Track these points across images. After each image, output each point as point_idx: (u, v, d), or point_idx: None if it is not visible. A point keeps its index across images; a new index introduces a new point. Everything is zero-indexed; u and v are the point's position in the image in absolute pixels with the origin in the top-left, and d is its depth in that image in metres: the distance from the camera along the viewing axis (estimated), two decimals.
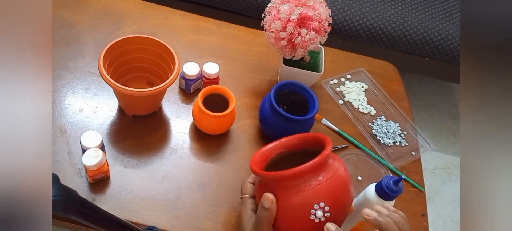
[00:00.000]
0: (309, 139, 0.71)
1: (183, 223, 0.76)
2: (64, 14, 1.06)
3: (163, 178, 0.81)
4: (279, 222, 0.61)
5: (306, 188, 0.59)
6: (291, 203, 0.60)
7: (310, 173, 0.60)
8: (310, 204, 0.59)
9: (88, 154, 0.73)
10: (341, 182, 0.62)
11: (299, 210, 0.59)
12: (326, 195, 0.59)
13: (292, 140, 0.72)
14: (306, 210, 0.59)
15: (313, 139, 0.70)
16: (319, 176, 0.60)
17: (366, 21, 1.65)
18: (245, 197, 0.69)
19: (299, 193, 0.59)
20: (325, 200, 0.59)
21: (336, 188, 0.60)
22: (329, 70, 1.09)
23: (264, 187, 0.64)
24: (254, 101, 0.98)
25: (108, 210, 0.57)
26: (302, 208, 0.59)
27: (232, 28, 1.15)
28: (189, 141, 0.88)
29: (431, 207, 1.77)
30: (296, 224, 0.60)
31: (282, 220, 0.61)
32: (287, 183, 0.60)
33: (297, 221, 0.60)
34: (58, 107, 0.87)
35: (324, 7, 0.89)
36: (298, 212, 0.59)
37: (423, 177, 0.93)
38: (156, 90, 0.78)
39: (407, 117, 1.03)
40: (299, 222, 0.60)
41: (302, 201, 0.59)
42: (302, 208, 0.59)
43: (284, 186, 0.60)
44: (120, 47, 0.84)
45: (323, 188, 0.59)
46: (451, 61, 1.73)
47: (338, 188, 0.61)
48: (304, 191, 0.59)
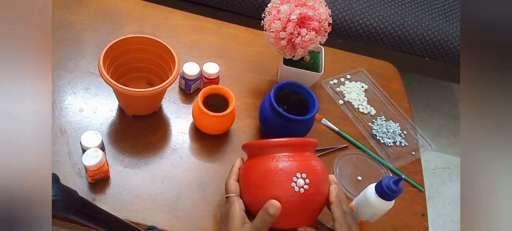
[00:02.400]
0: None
1: (183, 223, 0.76)
2: (64, 14, 1.06)
3: (163, 178, 0.81)
4: (262, 186, 0.65)
5: (294, 157, 0.66)
6: (276, 167, 0.65)
7: (300, 147, 0.67)
8: (293, 172, 0.64)
9: (88, 154, 0.73)
10: (324, 171, 0.68)
11: (283, 174, 0.64)
12: (309, 171, 0.65)
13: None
14: (289, 177, 0.64)
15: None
16: (306, 153, 0.67)
17: (366, 21, 1.65)
18: (233, 196, 0.68)
19: (286, 160, 0.65)
20: (307, 173, 0.64)
21: (319, 170, 0.66)
22: (329, 70, 1.09)
23: (251, 167, 0.68)
24: (254, 101, 0.98)
25: (108, 210, 0.57)
26: (285, 173, 0.64)
27: (232, 28, 1.15)
28: (189, 141, 0.88)
29: (431, 207, 1.77)
30: (276, 188, 0.64)
31: (265, 184, 0.65)
32: (277, 150, 0.66)
33: (278, 185, 0.64)
34: (58, 107, 0.87)
35: (324, 7, 0.89)
36: (281, 176, 0.64)
37: (423, 177, 0.93)
38: (156, 90, 0.78)
39: (407, 116, 1.03)
40: (279, 186, 0.64)
41: (287, 167, 0.64)
42: (285, 173, 0.64)
43: (273, 153, 0.66)
44: (120, 47, 0.85)
45: (308, 164, 0.66)
46: (451, 61, 1.73)
47: (321, 171, 0.67)
48: (291, 160, 0.65)
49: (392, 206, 0.68)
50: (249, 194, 0.67)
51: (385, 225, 0.83)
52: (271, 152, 0.67)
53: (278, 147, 0.67)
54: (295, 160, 0.65)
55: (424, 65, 1.77)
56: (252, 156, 0.70)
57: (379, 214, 0.69)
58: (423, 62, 1.76)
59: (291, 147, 0.67)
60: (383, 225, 0.82)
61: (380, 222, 0.81)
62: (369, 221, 0.72)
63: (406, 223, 0.84)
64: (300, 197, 0.63)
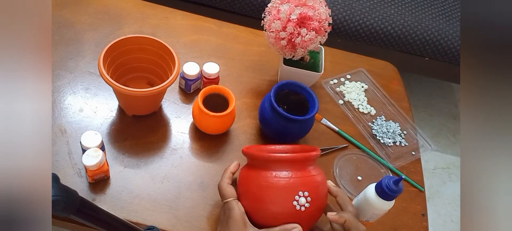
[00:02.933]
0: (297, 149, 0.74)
1: (183, 223, 0.76)
2: (64, 14, 1.06)
3: (163, 178, 0.81)
4: (262, 202, 0.64)
5: (296, 174, 0.64)
6: (278, 184, 0.63)
7: (302, 163, 0.66)
8: (295, 190, 0.63)
9: (88, 154, 0.73)
10: (324, 184, 0.67)
11: (284, 193, 0.63)
12: (311, 188, 0.64)
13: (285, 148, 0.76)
14: (291, 195, 0.63)
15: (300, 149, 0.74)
16: (309, 167, 0.66)
17: (366, 21, 1.65)
18: (232, 200, 0.67)
19: (288, 178, 0.64)
20: (309, 191, 0.63)
21: (319, 183, 0.66)
22: (329, 70, 1.09)
23: (252, 178, 0.67)
24: (254, 101, 0.98)
25: (108, 210, 0.57)
26: (287, 192, 0.63)
27: (232, 28, 1.15)
28: (189, 141, 0.88)
29: (431, 207, 1.77)
30: (277, 205, 0.63)
31: (265, 200, 0.64)
32: (279, 165, 0.65)
33: (279, 203, 0.63)
34: (58, 107, 0.87)
35: (324, 7, 0.89)
36: (282, 194, 0.63)
37: (423, 177, 0.93)
38: (156, 90, 0.78)
39: (407, 116, 1.03)
40: (281, 204, 0.63)
41: (289, 185, 0.63)
42: (287, 192, 0.63)
43: (275, 168, 0.65)
44: (120, 47, 0.84)
45: (310, 181, 0.65)
46: (451, 61, 1.73)
47: (322, 187, 0.66)
48: (294, 177, 0.64)
49: (392, 206, 0.68)
50: (248, 204, 0.66)
51: (385, 225, 0.83)
52: (273, 168, 0.65)
53: (280, 163, 0.65)
54: (298, 177, 0.64)
55: (424, 65, 1.77)
56: (253, 166, 0.69)
57: (379, 214, 0.69)
58: (423, 62, 1.76)
59: (294, 163, 0.65)
60: (383, 225, 0.82)
61: (380, 222, 0.80)
62: (369, 221, 0.72)
63: (406, 223, 0.84)
64: (300, 215, 0.63)
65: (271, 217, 0.64)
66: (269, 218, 0.64)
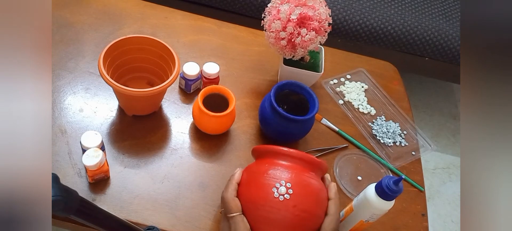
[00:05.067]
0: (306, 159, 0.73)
1: (183, 223, 0.76)
2: (64, 14, 1.06)
3: (163, 178, 0.81)
4: (246, 185, 0.67)
5: (288, 168, 0.66)
6: (265, 170, 0.66)
7: (305, 163, 0.67)
8: (278, 179, 0.64)
9: (88, 154, 0.73)
10: (319, 191, 0.67)
11: (268, 178, 0.64)
12: (297, 183, 0.64)
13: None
14: (273, 182, 0.64)
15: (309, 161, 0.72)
16: (308, 171, 0.67)
17: (366, 21, 1.65)
18: (238, 216, 0.64)
19: (279, 168, 0.65)
20: (293, 184, 0.63)
21: (312, 188, 0.65)
22: (329, 70, 1.09)
23: (249, 168, 0.70)
24: (254, 101, 0.98)
25: (108, 210, 0.57)
26: (271, 178, 0.64)
27: (232, 28, 1.15)
28: (189, 141, 0.88)
29: (431, 207, 1.77)
30: (258, 189, 0.65)
31: (249, 183, 0.66)
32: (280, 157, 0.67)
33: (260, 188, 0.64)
34: (58, 107, 0.87)
35: (324, 7, 0.89)
36: (265, 180, 0.64)
37: (423, 177, 0.93)
38: (156, 90, 0.78)
39: (407, 116, 1.03)
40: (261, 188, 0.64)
41: (276, 173, 0.65)
42: (271, 178, 0.64)
43: (274, 158, 0.68)
44: (120, 47, 0.85)
45: (300, 178, 0.65)
46: (451, 61, 1.73)
47: (313, 191, 0.66)
48: (284, 169, 0.65)
49: (392, 206, 0.68)
50: (238, 192, 0.67)
51: (385, 225, 0.83)
52: (271, 157, 0.68)
53: (281, 155, 0.68)
54: (288, 170, 0.65)
55: (424, 65, 1.77)
56: (256, 158, 0.73)
57: (379, 214, 0.69)
58: (423, 62, 1.76)
59: (293, 160, 0.67)
60: (383, 225, 0.82)
61: (380, 222, 0.81)
62: (369, 221, 0.72)
63: (406, 223, 0.84)
64: (278, 205, 0.62)
65: (251, 201, 0.65)
66: (249, 204, 0.65)
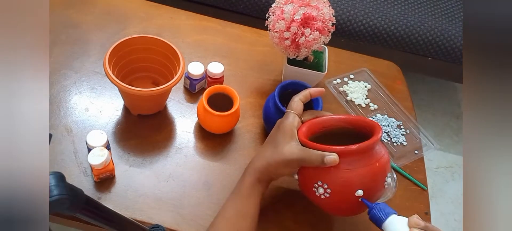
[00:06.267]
0: (356, 123, 0.74)
1: (188, 222, 0.76)
2: (70, 14, 1.06)
3: (168, 176, 0.82)
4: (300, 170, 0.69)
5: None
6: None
7: (353, 156, 0.65)
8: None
9: (93, 153, 0.74)
10: (375, 172, 0.66)
11: (346, 186, 0.64)
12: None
13: (342, 119, 0.75)
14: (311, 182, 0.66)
15: (362, 123, 0.73)
16: (360, 160, 0.65)
17: (369, 21, 1.65)
18: (292, 112, 0.70)
19: (346, 172, 0.64)
20: (329, 183, 0.65)
21: (372, 175, 0.65)
22: (332, 70, 1.09)
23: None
24: (258, 100, 0.99)
25: (114, 208, 0.57)
26: (348, 186, 0.64)
27: (237, 28, 1.16)
28: (193, 140, 0.88)
29: (434, 206, 1.77)
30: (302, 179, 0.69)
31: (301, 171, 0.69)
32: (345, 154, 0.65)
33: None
34: (64, 107, 0.88)
35: (327, 7, 0.89)
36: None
37: (426, 176, 0.93)
38: (161, 89, 0.78)
39: (410, 116, 1.03)
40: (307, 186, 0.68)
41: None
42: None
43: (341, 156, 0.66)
44: (126, 47, 0.85)
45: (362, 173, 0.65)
46: (454, 61, 1.73)
47: (374, 175, 0.66)
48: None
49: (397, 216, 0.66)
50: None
51: None
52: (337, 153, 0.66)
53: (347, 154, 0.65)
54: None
55: (427, 65, 1.78)
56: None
57: None
58: (426, 62, 1.76)
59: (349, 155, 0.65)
60: None
61: None
62: None
63: None
64: (320, 201, 0.68)
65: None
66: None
